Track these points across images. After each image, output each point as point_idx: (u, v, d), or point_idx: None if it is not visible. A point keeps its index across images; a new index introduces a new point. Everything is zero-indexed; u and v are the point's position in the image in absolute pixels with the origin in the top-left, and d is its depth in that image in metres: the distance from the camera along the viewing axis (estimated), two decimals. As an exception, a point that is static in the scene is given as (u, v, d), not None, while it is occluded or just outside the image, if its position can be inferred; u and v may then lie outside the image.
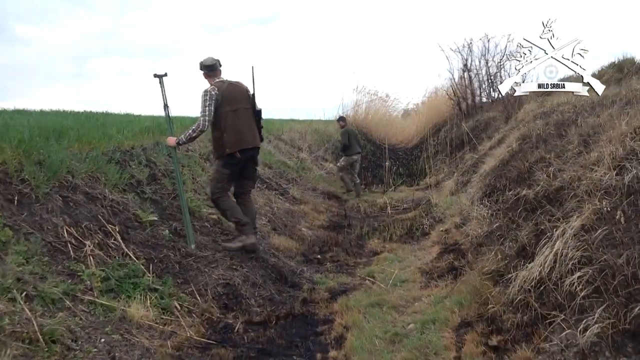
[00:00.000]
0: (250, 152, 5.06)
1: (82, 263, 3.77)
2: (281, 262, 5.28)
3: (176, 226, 4.99)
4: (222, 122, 4.91)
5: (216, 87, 4.92)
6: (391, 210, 9.13)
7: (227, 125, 4.91)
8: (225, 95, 4.92)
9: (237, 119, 4.94)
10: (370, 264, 5.78)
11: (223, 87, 4.95)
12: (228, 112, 4.92)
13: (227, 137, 4.90)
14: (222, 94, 4.90)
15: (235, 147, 4.92)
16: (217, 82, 5.00)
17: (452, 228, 6.13)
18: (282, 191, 8.70)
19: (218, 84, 4.97)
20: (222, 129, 4.91)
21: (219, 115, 4.91)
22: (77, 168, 4.62)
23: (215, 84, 4.96)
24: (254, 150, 5.12)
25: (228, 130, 4.91)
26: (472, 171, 8.90)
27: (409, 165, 15.88)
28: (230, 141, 4.91)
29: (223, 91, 4.92)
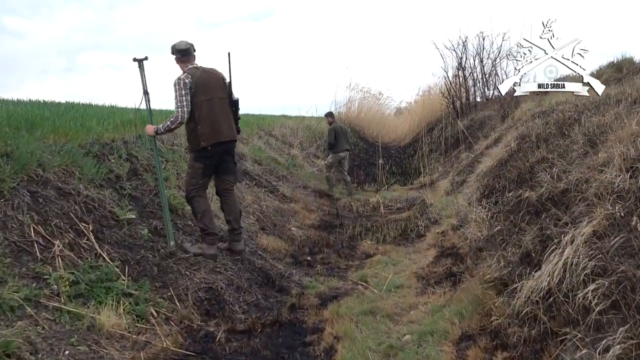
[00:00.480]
0: (226, 146, 4.68)
1: (49, 265, 3.44)
2: (268, 264, 4.98)
3: (156, 225, 4.66)
4: (196, 112, 4.51)
5: (190, 74, 4.52)
6: (384, 209, 8.85)
7: (201, 115, 4.51)
8: (199, 83, 4.53)
9: (212, 109, 4.55)
10: (362, 267, 5.49)
11: (197, 74, 4.55)
12: (202, 102, 4.52)
13: (202, 128, 4.51)
14: (195, 81, 4.51)
15: (210, 139, 4.53)
16: (191, 69, 4.60)
17: (449, 230, 5.85)
18: (271, 189, 8.39)
19: (191, 71, 4.57)
20: (196, 119, 4.52)
21: (193, 105, 4.52)
22: (50, 161, 4.28)
23: (189, 71, 4.56)
24: (230, 143, 4.73)
25: (202, 122, 4.52)
26: (468, 171, 8.64)
27: (402, 164, 15.63)
28: (205, 133, 4.51)
29: (197, 79, 4.52)
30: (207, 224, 4.52)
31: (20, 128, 4.54)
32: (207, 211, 4.58)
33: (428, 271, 4.78)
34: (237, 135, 4.87)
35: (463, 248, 4.88)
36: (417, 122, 21.05)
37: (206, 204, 4.63)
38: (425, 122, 20.32)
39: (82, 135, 5.25)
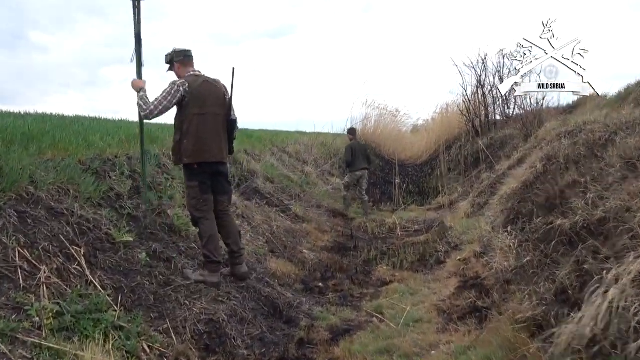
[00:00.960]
0: (214, 167, 4.28)
1: (32, 294, 3.11)
2: (276, 292, 4.61)
3: (156, 248, 4.33)
4: (185, 125, 4.15)
5: (187, 82, 4.15)
6: (401, 231, 8.45)
7: (189, 130, 4.14)
8: (195, 94, 4.15)
9: (203, 125, 4.16)
10: (378, 296, 5.09)
11: (196, 83, 4.18)
12: (194, 116, 4.14)
13: (187, 144, 4.14)
14: (191, 92, 4.13)
15: (194, 157, 4.16)
16: (191, 76, 4.22)
17: (471, 257, 5.43)
18: (283, 208, 8.05)
19: (191, 79, 4.19)
20: (183, 133, 4.15)
21: (183, 116, 4.17)
22: (43, 178, 3.99)
23: (188, 78, 4.19)
24: (218, 165, 4.31)
25: (189, 137, 4.13)
26: (490, 192, 8.22)
27: (419, 183, 15.21)
28: (189, 150, 4.14)
29: (194, 89, 4.15)
30: (211, 251, 4.17)
31: (15, 142, 4.27)
32: (212, 237, 4.22)
33: (450, 304, 4.37)
34: (229, 157, 4.49)
35: (488, 279, 4.47)
36: (434, 140, 20.69)
37: (212, 229, 4.25)
38: (443, 140, 19.91)
39: (83, 150, 4.98)
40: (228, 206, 4.51)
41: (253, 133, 12.56)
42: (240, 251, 4.41)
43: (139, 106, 4.15)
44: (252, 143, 10.78)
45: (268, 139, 12.18)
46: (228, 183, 4.52)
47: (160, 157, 6.12)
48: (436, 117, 22.77)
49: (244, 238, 6.00)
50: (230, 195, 4.59)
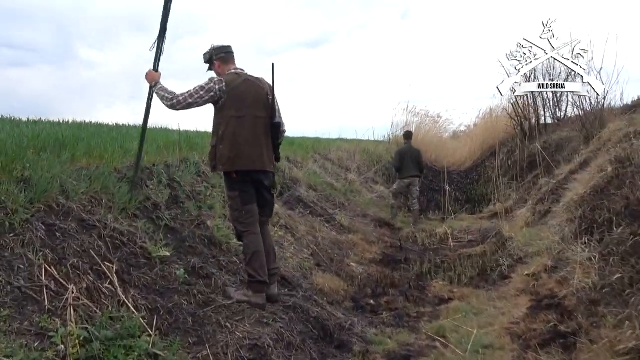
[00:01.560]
0: (254, 176, 3.83)
1: (57, 317, 2.78)
2: (326, 312, 4.17)
3: (195, 263, 3.98)
4: (221, 128, 3.71)
5: (226, 81, 3.72)
6: (453, 242, 7.88)
7: (225, 134, 3.70)
8: (234, 94, 3.72)
9: (241, 128, 3.71)
10: (437, 316, 4.58)
11: (235, 82, 3.75)
12: (231, 118, 3.70)
13: (223, 150, 3.71)
14: (229, 92, 3.71)
15: (230, 165, 3.73)
16: (231, 75, 3.79)
17: (542, 272, 4.86)
18: (328, 218, 7.62)
19: (230, 77, 3.76)
20: (219, 137, 3.73)
21: (220, 118, 3.75)
22: (75, 188, 3.70)
23: (227, 77, 3.76)
24: (260, 174, 3.86)
25: (225, 142, 3.70)
26: (552, 199, 7.56)
27: (466, 190, 14.53)
28: (225, 156, 3.70)
29: (232, 88, 3.71)
30: (256, 269, 3.73)
31: (47, 150, 4.00)
32: (257, 253, 3.76)
33: (525, 328, 3.83)
34: (273, 165, 3.97)
35: (568, 299, 3.90)
36: (478, 145, 20.01)
37: (257, 244, 3.79)
38: (488, 146, 19.22)
39: (119, 158, 4.70)
40: (267, 219, 4.09)
41: (294, 140, 12.23)
42: (273, 270, 3.93)
43: (161, 97, 3.74)
44: (293, 150, 10.43)
45: (310, 146, 11.81)
46: (270, 194, 4.04)
47: (199, 165, 5.81)
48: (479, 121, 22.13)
49: (288, 250, 5.62)
50: (272, 208, 4.14)
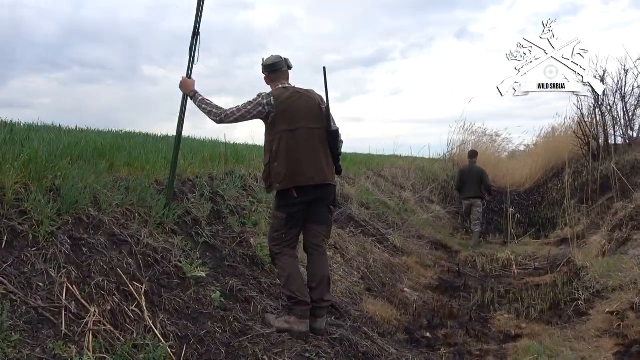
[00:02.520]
0: (313, 192, 3.45)
1: (74, 344, 2.48)
2: (376, 346, 3.70)
3: (233, 285, 3.63)
4: (274, 144, 3.40)
5: (274, 95, 3.44)
6: (518, 269, 7.21)
7: (279, 150, 3.39)
8: (283, 108, 3.42)
9: (295, 142, 3.39)
10: (504, 357, 4.02)
11: (283, 96, 3.45)
12: (284, 133, 3.40)
13: (278, 167, 3.38)
14: (277, 106, 3.41)
15: (287, 182, 3.37)
16: (279, 89, 3.51)
17: (627, 310, 4.21)
18: (380, 238, 7.14)
19: (278, 92, 3.47)
20: (273, 154, 3.42)
21: (272, 134, 3.45)
22: (109, 199, 3.44)
23: (276, 92, 3.48)
24: (319, 189, 3.46)
25: (279, 158, 3.38)
26: (630, 225, 6.80)
27: (528, 212, 13.65)
28: (281, 174, 3.37)
29: (281, 102, 3.43)
30: (294, 291, 3.32)
31: (84, 158, 3.79)
32: (293, 275, 3.38)
33: (614, 380, 3.24)
34: (334, 178, 3.59)
35: (668, 347, 3.28)
36: (540, 165, 19.06)
37: (293, 266, 3.42)
38: (550, 166, 18.24)
39: (160, 169, 4.45)
40: (324, 241, 3.64)
41: (346, 156, 11.85)
42: (323, 303, 3.47)
43: (208, 112, 3.49)
44: (345, 166, 10.02)
45: (362, 162, 11.40)
46: (329, 211, 3.62)
47: (246, 178, 5.51)
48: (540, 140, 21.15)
49: (337, 272, 5.19)
50: (330, 228, 3.72)
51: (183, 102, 3.78)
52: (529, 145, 23.05)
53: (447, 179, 15.06)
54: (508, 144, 23.15)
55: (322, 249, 3.53)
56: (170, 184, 3.87)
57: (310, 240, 3.49)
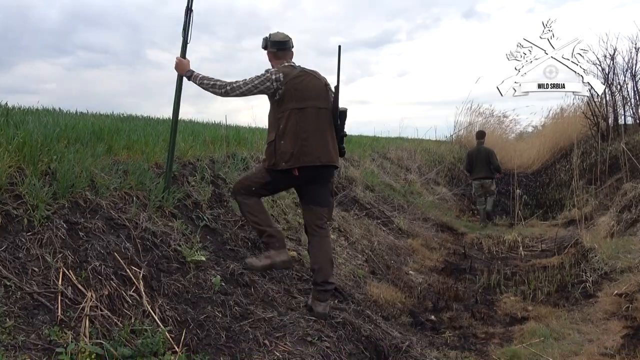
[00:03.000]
0: (317, 172, 3.43)
1: (70, 330, 2.43)
2: (380, 330, 3.65)
3: (234, 269, 3.57)
4: (281, 122, 3.35)
5: (283, 72, 3.37)
6: (524, 251, 7.13)
7: (287, 128, 3.33)
8: (292, 85, 3.35)
9: (304, 121, 3.35)
10: (510, 339, 3.97)
11: (292, 73, 3.39)
12: (292, 111, 3.34)
13: (284, 145, 3.33)
14: (287, 82, 3.35)
15: (294, 161, 3.33)
16: (286, 67, 3.43)
17: (636, 293, 4.13)
18: (385, 220, 7.08)
19: (287, 69, 3.40)
20: (279, 132, 3.36)
21: (279, 112, 3.38)
22: (106, 182, 3.38)
23: (284, 69, 3.41)
24: (324, 169, 3.44)
25: (287, 137, 3.33)
26: (639, 206, 6.70)
27: (535, 194, 13.52)
28: (287, 152, 3.32)
29: (290, 79, 3.36)
30: (265, 226, 3.46)
31: (81, 142, 3.72)
32: (260, 211, 3.51)
33: (622, 362, 3.17)
34: (338, 159, 3.56)
35: (678, 330, 3.20)
36: (548, 146, 18.86)
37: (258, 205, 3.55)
38: (559, 147, 18.05)
39: (161, 152, 4.38)
40: (327, 223, 3.62)
41: (351, 137, 11.75)
42: (327, 286, 3.45)
43: (211, 86, 3.46)
44: (350, 148, 9.93)
45: (367, 144, 11.28)
46: (330, 193, 3.64)
47: (248, 161, 5.43)
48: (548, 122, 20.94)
49: (340, 255, 5.14)
50: (332, 210, 3.70)
51: (178, 84, 3.71)
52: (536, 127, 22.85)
53: (453, 161, 14.93)
54: (516, 125, 22.95)
55: (324, 230, 3.52)
56: (169, 166, 3.80)
57: (313, 222, 3.48)
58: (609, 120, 14.38)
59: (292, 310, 3.51)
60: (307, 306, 3.53)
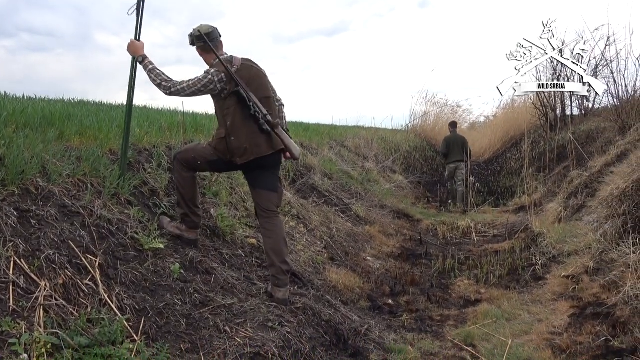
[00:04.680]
0: (267, 160, 3.47)
1: (23, 320, 2.35)
2: (339, 314, 3.70)
3: (193, 257, 3.53)
4: (228, 118, 3.34)
5: (223, 71, 3.31)
6: (477, 236, 7.36)
7: (234, 124, 3.34)
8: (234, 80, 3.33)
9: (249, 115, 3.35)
10: (464, 321, 4.10)
11: (232, 69, 3.34)
12: (237, 106, 3.34)
13: (235, 141, 3.35)
14: (230, 81, 3.32)
15: (248, 155, 3.37)
16: (222, 63, 3.34)
17: (582, 274, 4.34)
18: (343, 207, 7.14)
19: (221, 67, 3.33)
20: (228, 129, 3.35)
21: (224, 107, 3.36)
22: (58, 169, 3.27)
23: (219, 67, 3.33)
24: (273, 156, 3.49)
25: (236, 132, 3.34)
26: (586, 193, 7.00)
27: (487, 182, 13.94)
28: (242, 148, 3.35)
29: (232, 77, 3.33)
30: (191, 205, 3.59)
31: (30, 127, 3.58)
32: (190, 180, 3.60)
33: (569, 340, 3.33)
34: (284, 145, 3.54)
35: (620, 308, 3.39)
36: (499, 136, 19.50)
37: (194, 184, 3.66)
38: (509, 136, 18.66)
39: (115, 138, 4.26)
40: (277, 207, 3.65)
41: (309, 126, 11.75)
42: (282, 270, 3.47)
43: (157, 82, 3.40)
44: (308, 136, 9.95)
45: (325, 133, 11.31)
46: (278, 178, 3.68)
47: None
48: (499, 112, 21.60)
49: (299, 242, 5.17)
50: (281, 195, 3.72)
51: (133, 66, 3.61)
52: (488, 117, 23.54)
53: (409, 150, 15.19)
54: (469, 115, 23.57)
55: (275, 212, 3.58)
56: (124, 152, 3.70)
57: (264, 205, 3.54)
58: (557, 111, 14.94)
59: (252, 297, 3.51)
60: (267, 293, 3.55)
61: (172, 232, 3.62)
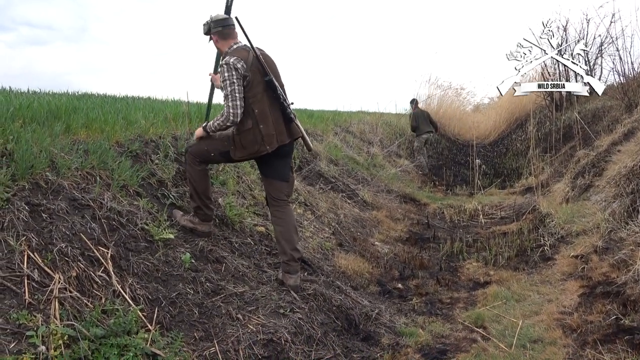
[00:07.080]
0: (284, 149, 3.51)
1: (39, 312, 2.39)
2: (350, 299, 3.73)
3: (203, 246, 3.56)
4: (255, 107, 3.32)
5: (243, 60, 3.28)
6: (485, 218, 7.36)
7: (263, 112, 3.35)
8: (256, 69, 3.32)
9: (272, 101, 3.41)
10: (474, 303, 4.12)
11: (250, 57, 3.31)
12: (263, 93, 3.35)
13: (265, 129, 3.34)
14: (251, 68, 3.29)
15: (275, 142, 3.38)
16: (238, 50, 3.35)
17: (591, 254, 4.34)
18: (350, 193, 7.15)
19: (242, 55, 3.30)
20: (256, 117, 3.33)
21: (250, 96, 3.33)
22: (67, 163, 3.29)
23: (240, 54, 3.31)
24: (289, 145, 3.57)
25: (266, 120, 3.35)
26: (593, 172, 6.97)
27: (493, 164, 13.90)
28: (270, 135, 3.36)
29: (252, 64, 3.31)
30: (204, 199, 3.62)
31: (37, 121, 3.59)
32: (202, 174, 3.61)
33: (579, 319, 3.34)
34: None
35: (630, 287, 3.39)
36: (504, 117, 19.38)
37: (207, 178, 3.68)
38: (514, 117, 18.55)
39: (121, 130, 4.27)
40: (288, 196, 3.67)
41: (313, 112, 11.71)
42: (293, 257, 3.51)
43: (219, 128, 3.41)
44: (313, 122, 9.93)
45: (330, 119, 11.28)
46: (290, 168, 3.71)
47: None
48: (504, 94, 21.42)
49: (307, 229, 5.19)
50: (292, 185, 3.75)
51: None
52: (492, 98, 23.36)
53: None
54: (473, 97, 23.41)
55: (285, 201, 3.61)
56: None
57: (276, 195, 3.58)
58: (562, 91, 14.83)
59: (263, 285, 3.54)
60: (278, 280, 3.57)
61: (186, 226, 3.63)
